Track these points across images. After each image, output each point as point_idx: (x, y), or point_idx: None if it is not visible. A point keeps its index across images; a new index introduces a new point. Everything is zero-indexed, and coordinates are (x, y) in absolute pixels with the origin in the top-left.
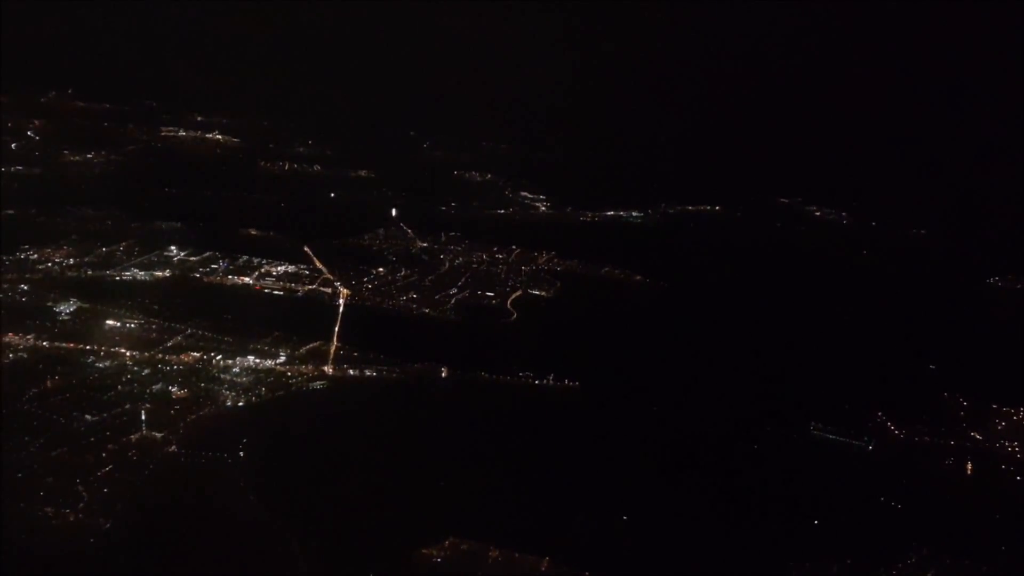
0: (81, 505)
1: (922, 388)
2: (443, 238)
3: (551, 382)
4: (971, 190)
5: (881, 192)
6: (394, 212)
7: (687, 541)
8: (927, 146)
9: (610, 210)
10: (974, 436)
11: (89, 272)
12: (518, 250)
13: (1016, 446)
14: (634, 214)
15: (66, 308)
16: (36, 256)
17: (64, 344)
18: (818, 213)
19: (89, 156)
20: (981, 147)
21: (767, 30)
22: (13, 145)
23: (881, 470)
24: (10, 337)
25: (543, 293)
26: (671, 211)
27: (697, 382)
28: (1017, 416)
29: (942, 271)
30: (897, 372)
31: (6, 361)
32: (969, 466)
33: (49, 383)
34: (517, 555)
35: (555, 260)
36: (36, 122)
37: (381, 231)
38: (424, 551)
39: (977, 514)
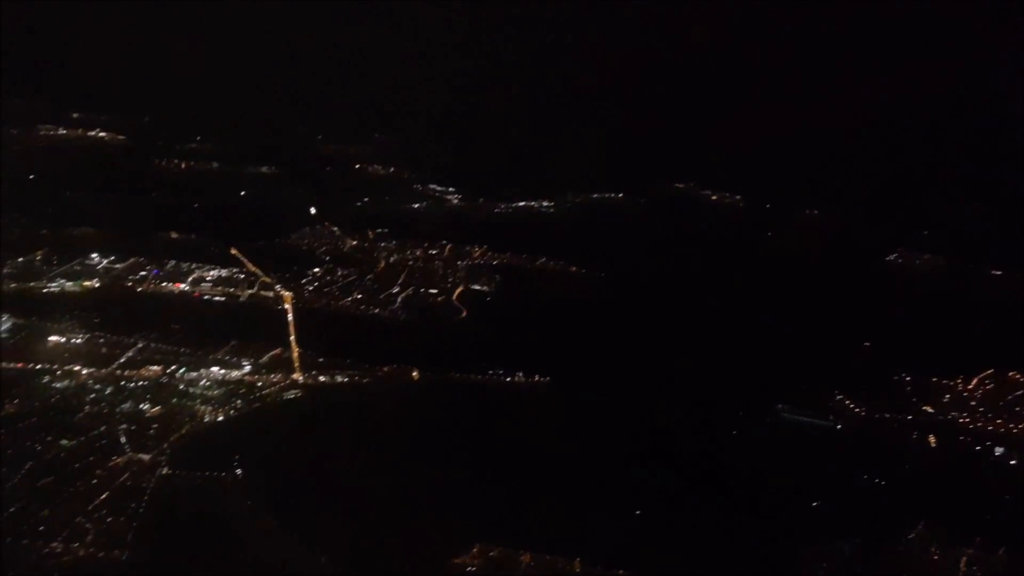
0: (89, 538)
1: (866, 366)
2: (371, 235)
3: (522, 379)
4: (857, 168)
5: (771, 174)
6: (313, 210)
7: (701, 531)
8: (812, 126)
9: (520, 200)
10: (926, 410)
11: (13, 285)
12: (450, 245)
13: (965, 417)
14: (544, 204)
15: (1, 325)
16: None
17: (12, 364)
18: (714, 197)
19: None
20: (865, 125)
21: (653, 18)
22: None
23: (854, 448)
24: None
25: (485, 288)
26: (578, 200)
27: (661, 371)
28: (958, 387)
29: (843, 251)
30: (837, 351)
31: None
32: (932, 439)
33: (10, 407)
34: (549, 558)
35: (489, 254)
36: None
37: (307, 230)
38: (456, 560)
39: (953, 484)
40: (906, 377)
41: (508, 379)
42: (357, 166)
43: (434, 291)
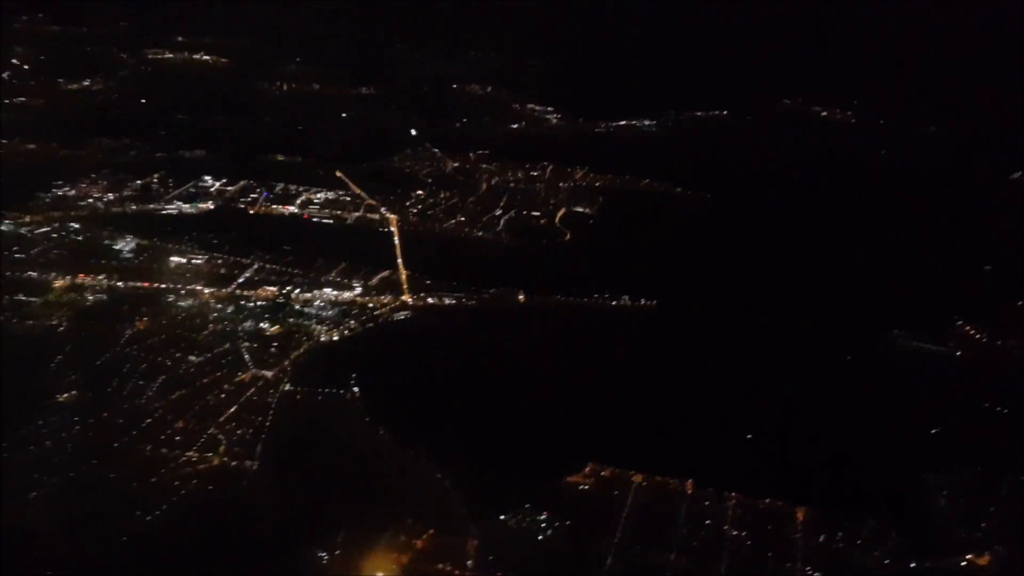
0: (222, 448)
1: (987, 290)
2: (472, 157)
3: (628, 302)
4: (977, 82)
5: (885, 88)
6: (414, 132)
7: (814, 456)
8: (928, 38)
9: (621, 119)
10: None
11: (133, 207)
12: (551, 167)
13: None
14: (646, 123)
15: (125, 245)
16: (74, 192)
17: (139, 284)
18: (824, 113)
19: (86, 84)
20: (984, 37)
21: None
22: (4, 75)
23: (974, 375)
24: (82, 278)
25: (587, 210)
26: (681, 118)
27: (771, 295)
28: None
29: (961, 169)
30: (957, 275)
31: (87, 303)
32: None
33: (139, 325)
34: (660, 479)
35: (591, 176)
36: (18, 49)
37: (408, 152)
38: (569, 479)
39: None
40: None
41: (614, 302)
42: (455, 86)
43: (536, 213)
